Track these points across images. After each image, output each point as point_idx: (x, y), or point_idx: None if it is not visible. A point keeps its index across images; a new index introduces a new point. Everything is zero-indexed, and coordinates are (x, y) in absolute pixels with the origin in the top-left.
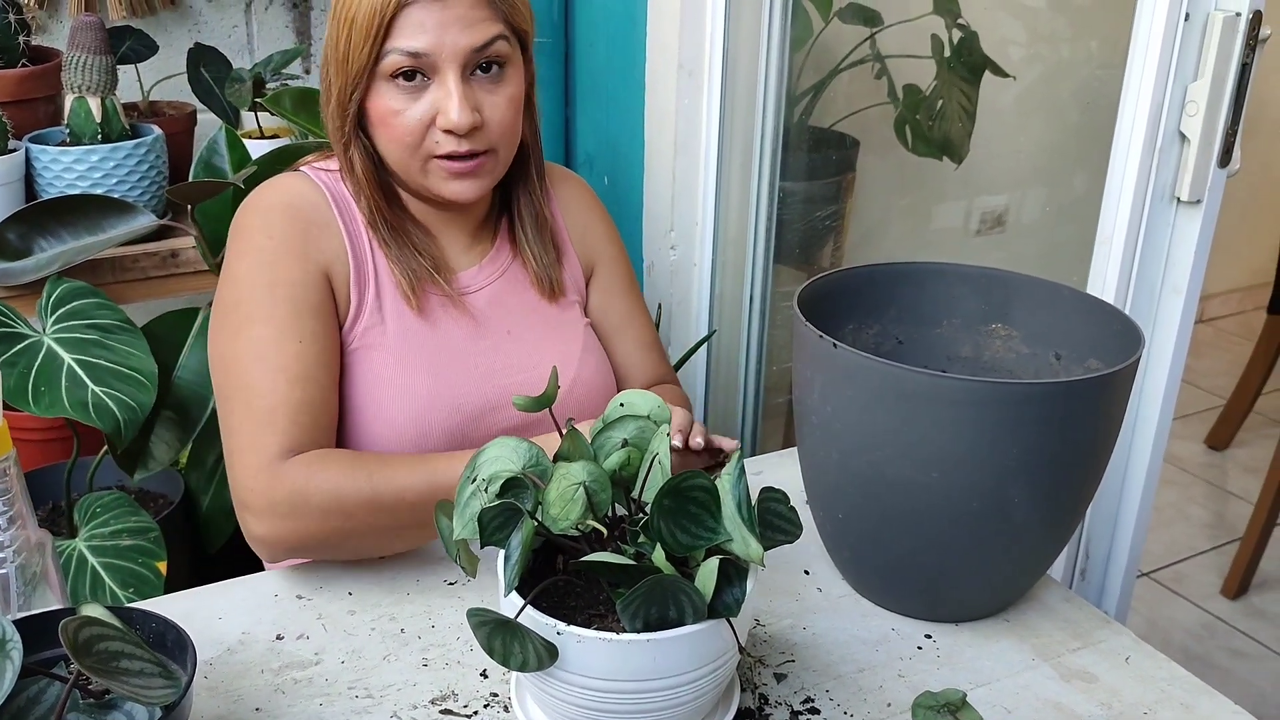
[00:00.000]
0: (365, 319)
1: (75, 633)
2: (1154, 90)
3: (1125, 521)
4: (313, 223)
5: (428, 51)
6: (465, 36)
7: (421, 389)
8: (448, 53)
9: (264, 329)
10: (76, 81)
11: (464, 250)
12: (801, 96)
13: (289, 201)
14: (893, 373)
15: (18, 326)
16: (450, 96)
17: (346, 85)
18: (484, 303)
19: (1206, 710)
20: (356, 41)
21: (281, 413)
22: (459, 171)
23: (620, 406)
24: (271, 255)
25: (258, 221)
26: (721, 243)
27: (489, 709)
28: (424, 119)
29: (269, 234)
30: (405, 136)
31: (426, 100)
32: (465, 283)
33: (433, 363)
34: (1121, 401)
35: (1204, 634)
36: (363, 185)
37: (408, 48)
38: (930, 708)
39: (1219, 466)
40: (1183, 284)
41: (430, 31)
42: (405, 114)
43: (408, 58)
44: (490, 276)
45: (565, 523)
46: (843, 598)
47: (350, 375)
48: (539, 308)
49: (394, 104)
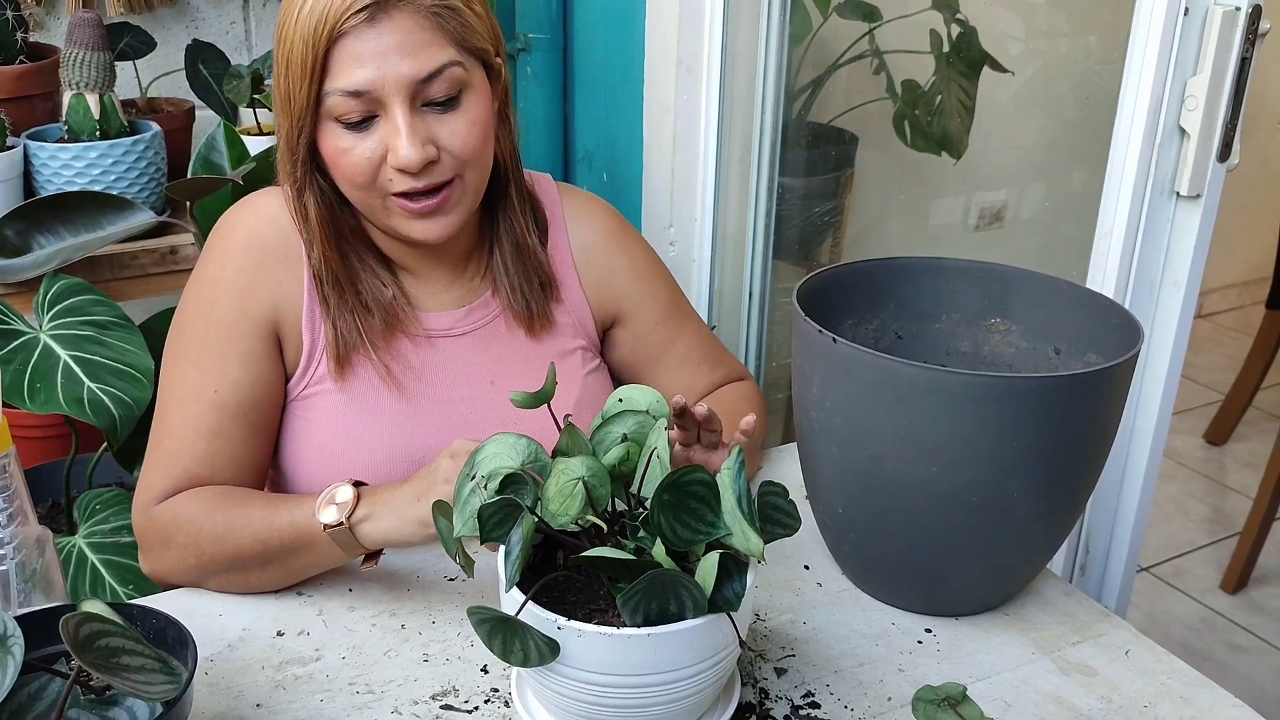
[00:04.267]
0: (319, 361)
1: (76, 629)
2: (1154, 84)
3: (1125, 516)
4: (271, 256)
5: (368, 88)
6: (407, 65)
7: (379, 439)
8: (390, 85)
9: (191, 369)
10: (74, 78)
11: (445, 288)
12: (800, 92)
13: (255, 229)
14: (892, 367)
15: (14, 323)
16: (398, 133)
17: (292, 128)
18: (465, 347)
19: (1206, 703)
20: (295, 82)
21: (181, 460)
22: (420, 211)
23: (619, 402)
24: (215, 291)
25: (218, 249)
26: (720, 239)
27: (489, 704)
28: (374, 158)
29: (222, 265)
30: (357, 176)
31: (375, 136)
32: (447, 325)
33: (395, 412)
34: (1121, 395)
35: (1203, 629)
36: (315, 234)
37: (346, 87)
38: (930, 701)
39: (1218, 461)
40: (1182, 278)
41: (368, 63)
42: (353, 152)
43: (349, 98)
44: (479, 321)
45: (565, 518)
46: (842, 592)
47: (306, 418)
48: (531, 355)
49: (342, 143)
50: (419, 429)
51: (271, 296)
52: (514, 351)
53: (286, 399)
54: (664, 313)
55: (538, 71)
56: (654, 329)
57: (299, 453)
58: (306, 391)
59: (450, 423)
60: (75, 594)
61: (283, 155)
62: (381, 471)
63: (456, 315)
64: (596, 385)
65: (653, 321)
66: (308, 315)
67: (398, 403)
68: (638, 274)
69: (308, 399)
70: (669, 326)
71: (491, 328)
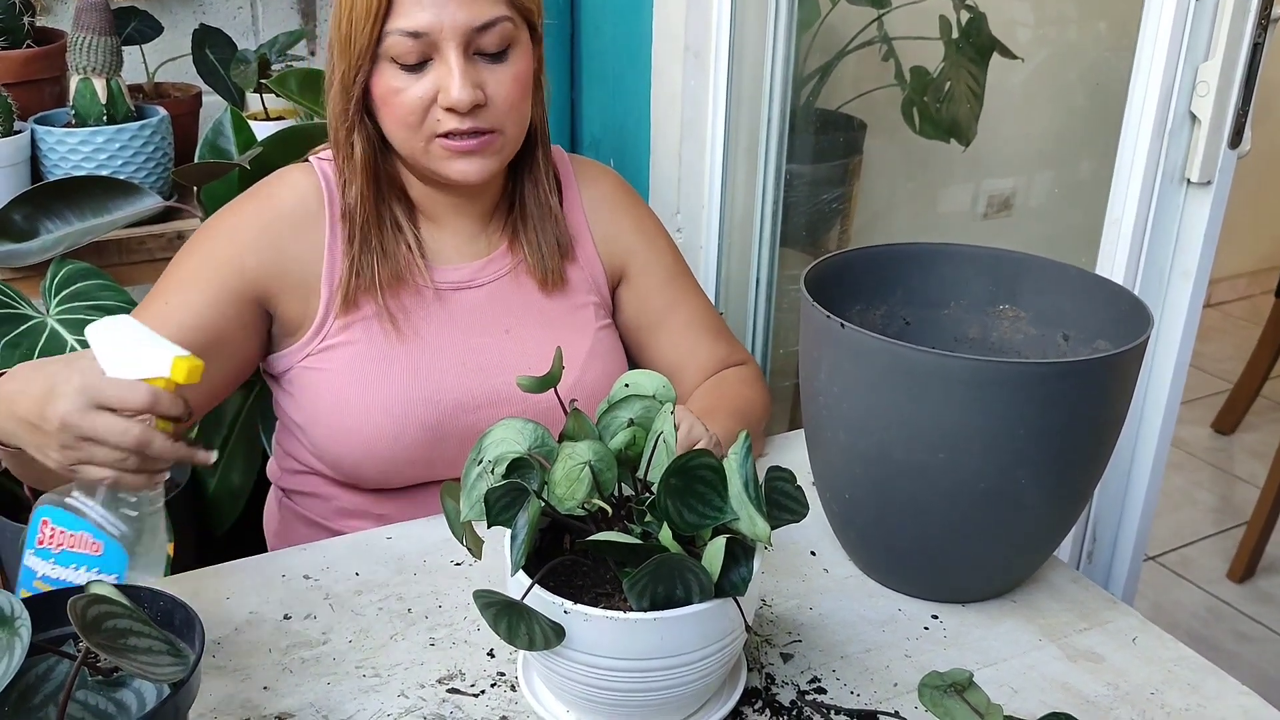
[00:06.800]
0: (335, 313)
1: (84, 610)
2: (1164, 70)
3: (1132, 505)
4: (284, 221)
5: (427, 30)
6: (464, 13)
7: (393, 385)
8: (448, 30)
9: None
10: (81, 63)
11: (469, 240)
12: (808, 79)
13: (273, 194)
14: (900, 353)
15: (21, 308)
16: (451, 74)
17: (350, 68)
18: (484, 298)
19: (1213, 691)
20: (358, 23)
21: None
22: (461, 150)
23: (625, 387)
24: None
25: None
26: (728, 225)
27: (496, 688)
28: (426, 97)
29: (234, 220)
30: (408, 116)
31: (429, 79)
32: (467, 276)
33: (408, 358)
34: (1130, 382)
35: (1210, 618)
36: (357, 173)
37: (407, 27)
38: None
39: (1225, 451)
40: (1192, 266)
41: (429, 8)
42: (407, 93)
43: (408, 38)
44: (497, 272)
45: (571, 502)
46: (849, 578)
47: (320, 369)
48: (545, 307)
49: (396, 83)
50: (433, 373)
51: (273, 262)
52: (529, 304)
53: (301, 356)
54: (669, 275)
55: (545, 57)
56: (658, 290)
57: (316, 401)
58: (323, 345)
59: (466, 367)
60: None
61: (335, 96)
62: (397, 415)
63: (475, 266)
64: (608, 340)
65: (657, 282)
66: (328, 271)
67: (411, 349)
68: (644, 234)
69: (323, 352)
70: (673, 290)
71: (508, 280)
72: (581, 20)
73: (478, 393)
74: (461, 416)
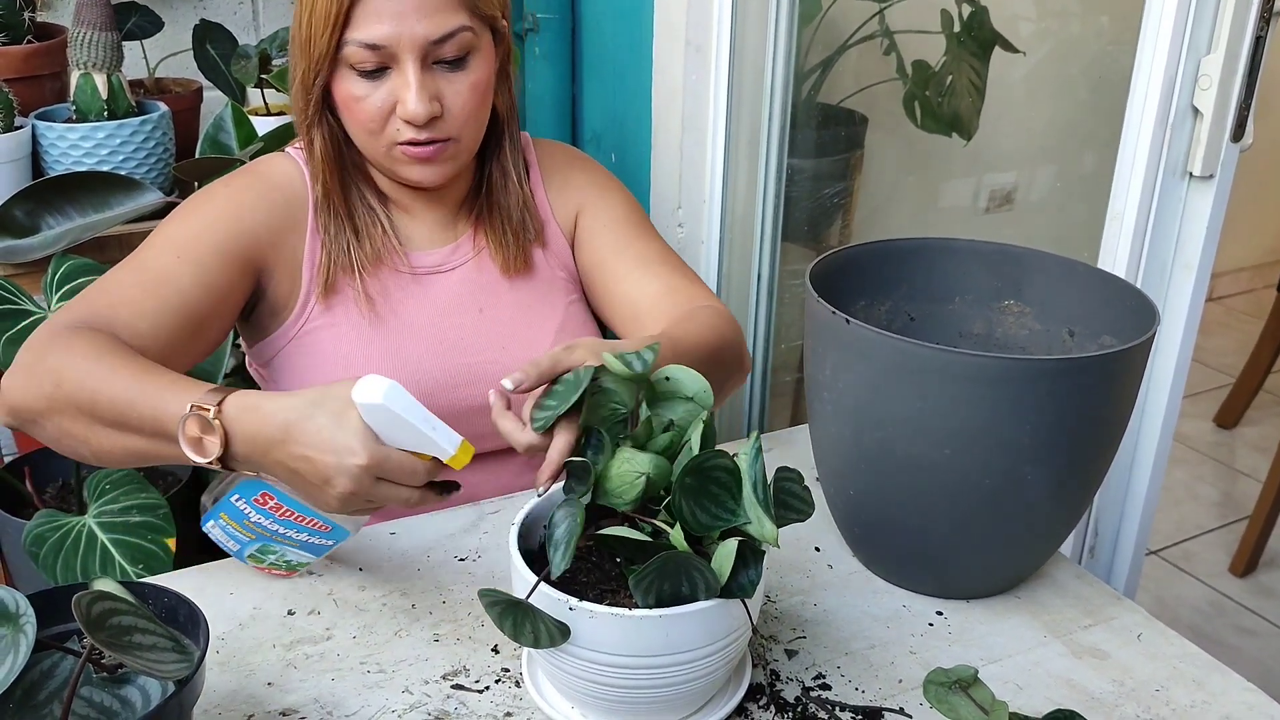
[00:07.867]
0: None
1: (88, 607)
2: (1167, 64)
3: (1134, 499)
4: (279, 191)
5: (385, 43)
6: (423, 26)
7: (375, 366)
8: (406, 42)
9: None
10: (82, 58)
11: (440, 227)
12: (810, 73)
13: (268, 161)
14: (905, 348)
15: (23, 304)
16: (408, 86)
17: (310, 69)
18: (456, 281)
19: (1218, 687)
20: (317, 28)
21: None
22: (419, 157)
23: (666, 380)
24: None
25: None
26: (729, 220)
27: (500, 684)
28: (384, 107)
29: (228, 184)
30: (369, 123)
31: (387, 87)
32: (438, 261)
33: (387, 339)
34: (1136, 378)
35: (1212, 612)
36: (319, 167)
37: (365, 39)
38: (942, 684)
39: (1228, 445)
40: (1194, 260)
41: (388, 20)
42: (367, 100)
43: (365, 50)
44: (466, 255)
45: (618, 500)
46: (854, 574)
47: (306, 352)
48: (515, 287)
49: (356, 90)
50: (413, 352)
51: (271, 229)
52: (498, 285)
53: (286, 340)
54: (621, 214)
55: (546, 52)
56: (607, 229)
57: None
58: (306, 328)
59: (444, 344)
60: (86, 573)
61: (296, 93)
62: None
63: (445, 252)
64: (579, 314)
65: (606, 224)
66: (309, 255)
67: (390, 330)
68: (595, 186)
69: (307, 335)
70: (626, 228)
71: (479, 262)
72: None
73: (455, 372)
74: (441, 396)
